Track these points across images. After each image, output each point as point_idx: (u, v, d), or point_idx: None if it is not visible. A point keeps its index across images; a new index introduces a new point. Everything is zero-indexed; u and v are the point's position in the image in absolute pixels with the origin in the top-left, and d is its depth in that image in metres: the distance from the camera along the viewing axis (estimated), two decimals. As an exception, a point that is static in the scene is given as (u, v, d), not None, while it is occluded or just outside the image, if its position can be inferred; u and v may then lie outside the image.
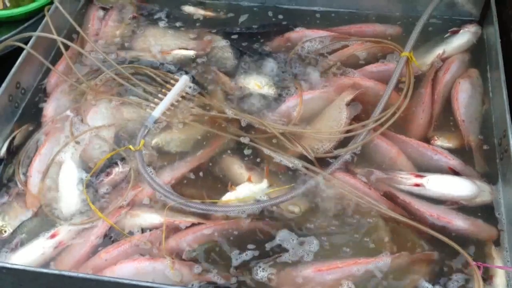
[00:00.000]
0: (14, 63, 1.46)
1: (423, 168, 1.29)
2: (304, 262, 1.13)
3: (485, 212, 1.20)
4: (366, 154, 1.32)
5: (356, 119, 1.36)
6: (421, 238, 1.16)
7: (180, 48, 1.62)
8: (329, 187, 1.23)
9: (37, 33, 1.53)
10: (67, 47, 1.53)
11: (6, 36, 1.62)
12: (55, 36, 1.52)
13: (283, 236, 1.17)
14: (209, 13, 1.74)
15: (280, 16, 1.72)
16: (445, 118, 1.40)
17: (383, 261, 1.11)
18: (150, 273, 1.13)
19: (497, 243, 1.16)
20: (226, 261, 1.15)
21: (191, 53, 1.61)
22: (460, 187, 1.22)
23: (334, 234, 1.18)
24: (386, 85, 1.38)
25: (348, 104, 1.37)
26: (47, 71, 1.57)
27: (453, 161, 1.28)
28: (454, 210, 1.20)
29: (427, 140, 1.34)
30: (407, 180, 1.24)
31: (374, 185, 1.25)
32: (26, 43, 1.51)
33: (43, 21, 1.58)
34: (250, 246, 1.17)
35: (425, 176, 1.24)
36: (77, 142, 1.36)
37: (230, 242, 1.18)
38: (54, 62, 1.58)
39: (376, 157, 1.32)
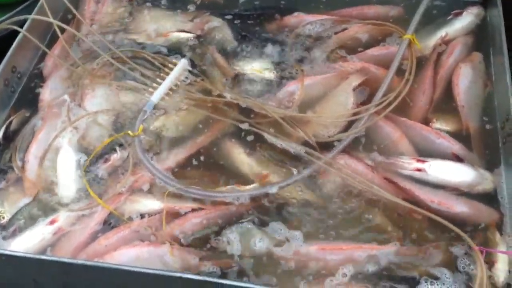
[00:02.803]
0: (9, 47, 1.44)
1: (425, 151, 1.28)
2: (309, 240, 1.14)
3: (486, 199, 1.19)
4: (369, 137, 1.31)
5: (362, 104, 1.34)
6: (423, 223, 1.15)
7: (178, 31, 1.59)
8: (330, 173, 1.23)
9: (33, 15, 1.51)
10: (63, 30, 1.51)
11: (0, 19, 1.59)
12: (51, 19, 1.49)
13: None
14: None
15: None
16: (446, 102, 1.38)
17: (389, 250, 1.11)
18: (150, 259, 1.12)
19: (499, 227, 1.15)
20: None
21: (189, 35, 1.58)
22: (462, 174, 1.21)
23: (336, 220, 1.18)
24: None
25: (355, 89, 1.35)
26: (43, 55, 1.54)
27: (456, 146, 1.27)
28: (454, 195, 1.19)
29: (426, 122, 1.33)
30: (409, 165, 1.23)
31: (376, 170, 1.24)
32: (21, 26, 1.48)
33: (39, 4, 1.55)
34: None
35: (427, 161, 1.23)
36: (75, 128, 1.34)
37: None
38: (50, 45, 1.55)
39: (378, 140, 1.30)
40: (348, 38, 1.52)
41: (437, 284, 1.06)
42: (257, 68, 1.46)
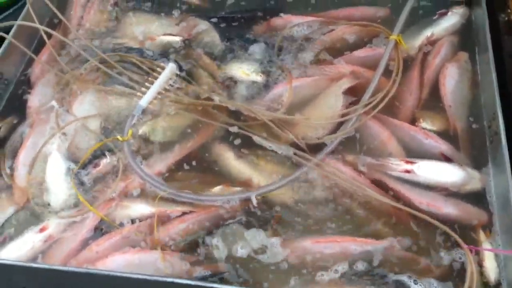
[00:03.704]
0: (-5, 53, 1.43)
1: (413, 151, 1.29)
2: (304, 235, 1.15)
3: (474, 198, 1.21)
4: (358, 138, 1.31)
5: (350, 105, 1.34)
6: (412, 223, 1.16)
7: (165, 34, 1.59)
8: (320, 174, 1.23)
9: (19, 21, 1.50)
10: (50, 36, 1.50)
11: (-14, 25, 1.58)
12: (37, 25, 1.48)
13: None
14: (195, 1, 1.70)
15: (267, 1, 1.69)
16: (433, 102, 1.39)
17: (382, 245, 1.12)
18: (141, 265, 1.12)
19: (487, 227, 1.16)
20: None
21: (176, 39, 1.58)
22: (450, 174, 1.22)
23: (324, 220, 1.18)
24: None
25: (344, 92, 1.35)
26: (30, 61, 1.53)
27: (444, 146, 1.28)
28: (443, 196, 1.21)
29: (413, 122, 1.34)
30: (398, 166, 1.24)
31: (365, 172, 1.25)
32: (7, 32, 1.47)
33: (24, 9, 1.54)
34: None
35: (415, 163, 1.24)
36: (64, 134, 1.34)
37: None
38: (37, 51, 1.54)
39: (367, 140, 1.31)
40: (335, 39, 1.53)
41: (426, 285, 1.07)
42: (244, 70, 1.46)
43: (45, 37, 1.48)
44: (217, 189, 1.24)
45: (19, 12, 1.57)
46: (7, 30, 1.49)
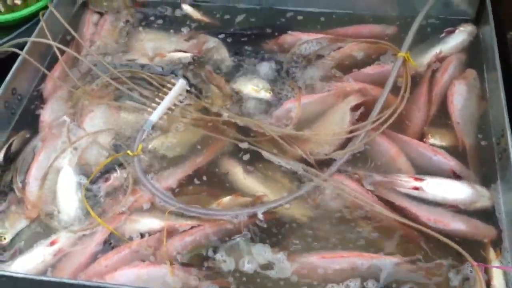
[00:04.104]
0: (9, 69, 1.46)
1: (422, 168, 1.29)
2: (310, 250, 1.15)
3: (483, 216, 1.20)
4: (366, 154, 1.32)
5: (358, 121, 1.36)
6: (420, 240, 1.16)
7: (175, 51, 1.61)
8: (329, 189, 1.24)
9: (32, 38, 1.53)
10: (62, 52, 1.53)
11: (0, 42, 1.61)
12: (50, 41, 1.51)
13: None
14: (205, 19, 1.73)
15: (276, 18, 1.71)
16: (441, 118, 1.40)
17: (390, 260, 1.12)
18: (150, 279, 1.13)
19: (496, 244, 1.15)
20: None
21: (187, 55, 1.60)
22: (459, 191, 1.22)
23: (333, 236, 1.19)
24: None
25: (352, 109, 1.36)
26: (43, 77, 1.56)
27: (453, 163, 1.28)
28: (451, 213, 1.20)
29: (421, 139, 1.34)
30: (406, 183, 1.24)
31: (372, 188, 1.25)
32: (21, 49, 1.50)
33: (38, 26, 1.57)
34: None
35: (424, 180, 1.24)
36: (75, 148, 1.35)
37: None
38: (50, 67, 1.57)
39: (376, 156, 1.32)
40: (344, 56, 1.54)
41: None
42: (253, 87, 1.48)
43: (58, 53, 1.50)
44: (226, 199, 1.25)
45: (32, 29, 1.60)
46: (21, 46, 1.51)
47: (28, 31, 1.65)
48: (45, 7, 1.65)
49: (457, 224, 1.18)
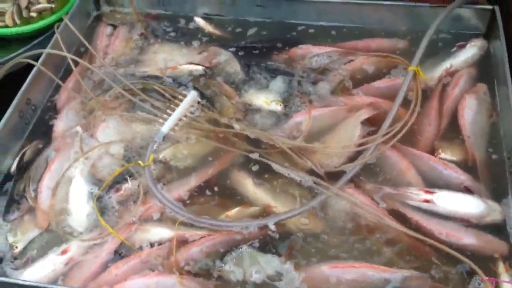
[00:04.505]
0: (24, 80, 1.48)
1: (432, 182, 1.29)
2: (322, 261, 1.16)
3: (494, 230, 1.20)
4: (376, 167, 1.32)
5: (369, 135, 1.36)
6: (430, 253, 1.16)
7: (187, 63, 1.63)
8: (337, 202, 1.24)
9: (47, 50, 1.55)
10: (76, 64, 1.55)
11: (16, 53, 1.63)
12: (65, 53, 1.53)
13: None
14: (217, 32, 1.75)
15: (287, 31, 1.73)
16: (451, 132, 1.40)
17: (402, 274, 1.11)
18: (160, 289, 1.13)
19: (506, 258, 1.15)
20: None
21: (198, 68, 1.61)
22: (471, 205, 1.21)
23: (343, 248, 1.19)
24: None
25: (362, 123, 1.37)
26: (57, 88, 1.58)
27: (463, 177, 1.28)
28: (463, 226, 1.20)
29: (432, 153, 1.34)
30: (417, 196, 1.23)
31: (383, 201, 1.25)
32: (36, 60, 1.53)
33: (53, 38, 1.60)
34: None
35: (435, 193, 1.23)
36: (87, 158, 1.37)
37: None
38: (64, 78, 1.59)
39: (386, 169, 1.32)
40: (354, 70, 1.55)
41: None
42: (264, 99, 1.49)
43: (72, 65, 1.53)
44: (235, 211, 1.25)
45: (47, 41, 1.63)
46: (36, 58, 1.54)
47: (43, 43, 1.68)
48: (60, 20, 1.68)
49: (469, 239, 1.17)
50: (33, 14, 1.77)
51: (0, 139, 1.37)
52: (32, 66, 1.52)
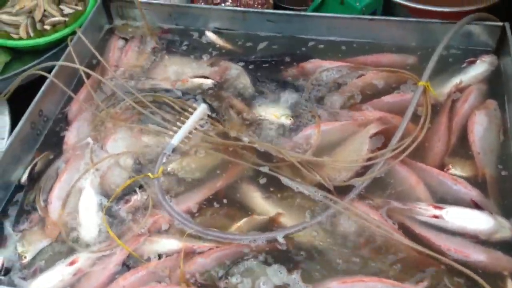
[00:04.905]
0: (37, 91, 1.50)
1: (441, 197, 1.28)
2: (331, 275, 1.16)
3: (504, 247, 1.19)
4: (385, 182, 1.32)
5: (378, 149, 1.36)
6: (438, 269, 1.15)
7: (197, 76, 1.64)
8: (346, 216, 1.24)
9: (61, 62, 1.58)
10: (88, 76, 1.57)
11: (30, 65, 1.66)
12: (77, 66, 1.55)
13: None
14: (227, 46, 1.76)
15: (297, 46, 1.74)
16: (461, 148, 1.39)
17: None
18: (167, 301, 1.13)
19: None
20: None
21: (208, 82, 1.62)
22: (480, 222, 1.20)
23: (351, 262, 1.18)
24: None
25: (371, 137, 1.37)
26: (69, 99, 1.60)
27: (473, 192, 1.27)
28: (472, 243, 1.19)
29: (441, 168, 1.34)
30: (426, 211, 1.23)
31: (390, 216, 1.25)
32: (49, 72, 1.55)
33: (66, 51, 1.62)
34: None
35: (444, 208, 1.23)
36: (97, 169, 1.38)
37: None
38: (75, 90, 1.61)
39: (395, 184, 1.31)
40: (364, 85, 1.55)
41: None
42: (274, 113, 1.49)
43: (84, 77, 1.55)
44: (243, 221, 1.26)
45: (59, 54, 1.66)
46: (49, 70, 1.56)
47: (56, 55, 1.71)
48: (73, 33, 1.71)
49: (478, 255, 1.16)
50: (47, 27, 1.80)
51: (12, 149, 1.39)
52: (45, 78, 1.54)
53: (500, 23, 1.60)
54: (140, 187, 1.33)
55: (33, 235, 1.28)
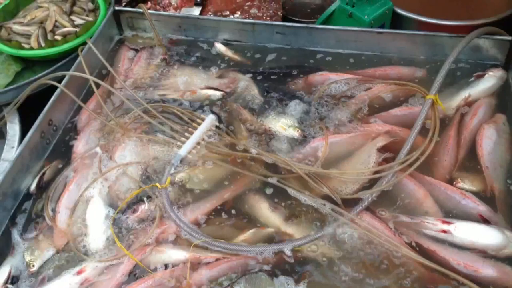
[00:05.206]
0: (47, 100, 1.52)
1: (450, 211, 1.28)
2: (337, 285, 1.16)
3: (513, 263, 1.18)
4: (392, 194, 1.31)
5: (386, 162, 1.36)
6: (447, 284, 1.14)
7: (206, 88, 1.65)
8: (354, 229, 1.24)
9: (71, 72, 1.59)
10: (98, 86, 1.58)
11: (41, 75, 1.68)
12: (88, 76, 1.57)
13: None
14: (236, 57, 1.77)
15: (306, 58, 1.74)
16: (470, 162, 1.39)
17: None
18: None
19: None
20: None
21: (217, 93, 1.63)
22: (488, 237, 1.20)
23: (358, 275, 1.18)
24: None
25: (379, 150, 1.37)
26: (78, 109, 1.62)
27: (482, 207, 1.26)
28: (481, 257, 1.18)
29: (450, 182, 1.33)
30: (434, 226, 1.22)
31: (399, 230, 1.24)
32: (59, 82, 1.56)
33: (77, 61, 1.64)
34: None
35: (452, 223, 1.22)
36: (105, 179, 1.38)
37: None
38: (85, 99, 1.63)
39: (402, 197, 1.31)
40: (372, 97, 1.55)
41: None
42: (282, 125, 1.50)
43: (94, 87, 1.56)
44: (250, 232, 1.26)
45: (69, 64, 1.67)
46: (59, 79, 1.57)
47: (66, 65, 1.72)
48: (84, 43, 1.72)
49: (487, 270, 1.16)
50: (58, 37, 1.82)
51: (21, 158, 1.40)
52: (55, 87, 1.55)
53: (509, 37, 1.60)
54: (148, 197, 1.34)
55: (41, 244, 1.28)
